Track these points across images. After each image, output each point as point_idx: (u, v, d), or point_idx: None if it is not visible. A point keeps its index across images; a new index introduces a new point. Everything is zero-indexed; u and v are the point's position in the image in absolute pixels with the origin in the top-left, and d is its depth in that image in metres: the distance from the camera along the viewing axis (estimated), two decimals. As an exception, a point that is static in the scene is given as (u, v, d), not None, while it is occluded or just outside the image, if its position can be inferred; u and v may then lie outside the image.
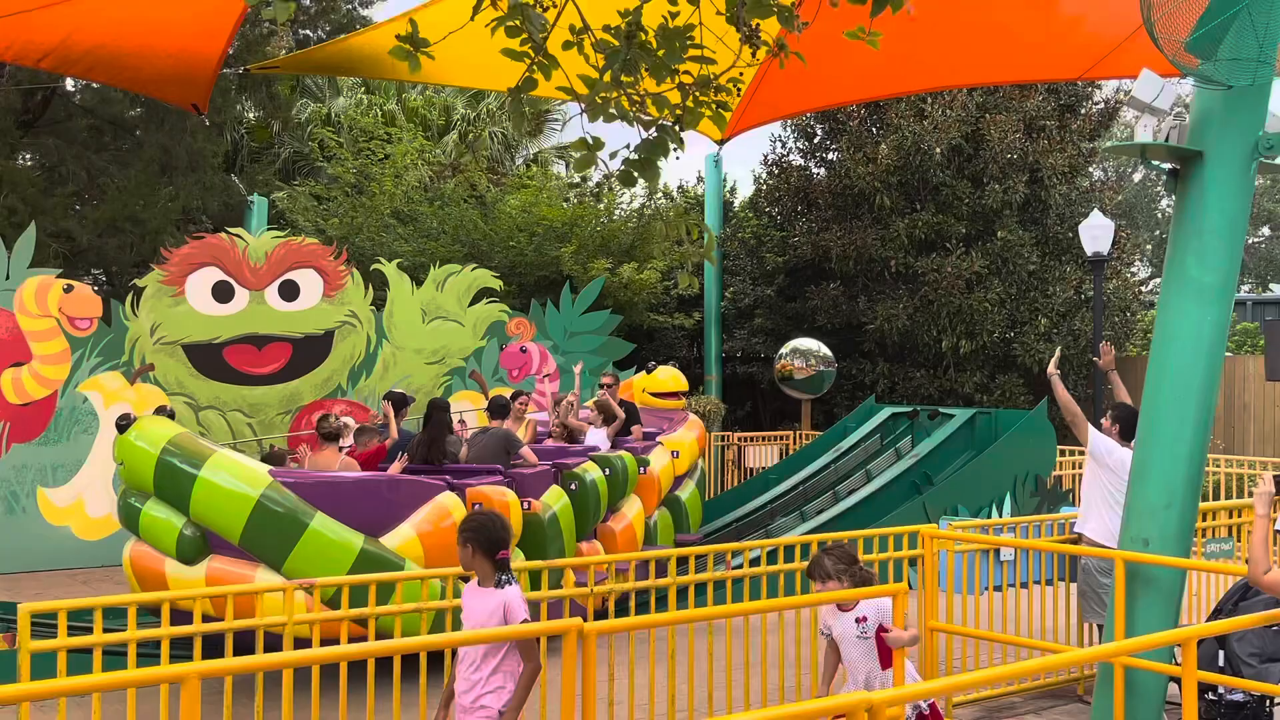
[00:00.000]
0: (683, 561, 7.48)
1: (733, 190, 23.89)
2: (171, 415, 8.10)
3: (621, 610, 6.92)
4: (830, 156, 21.62)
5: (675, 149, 4.11)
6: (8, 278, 12.22)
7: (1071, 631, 8.28)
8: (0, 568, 11.80)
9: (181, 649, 5.54)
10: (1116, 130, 26.51)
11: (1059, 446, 13.62)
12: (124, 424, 7.58)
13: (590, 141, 3.93)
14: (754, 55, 3.97)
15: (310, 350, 13.67)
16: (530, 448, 9.41)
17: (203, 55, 12.22)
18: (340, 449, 8.72)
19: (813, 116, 21.10)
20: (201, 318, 13.09)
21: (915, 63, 12.62)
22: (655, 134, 3.95)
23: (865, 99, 18.37)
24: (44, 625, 5.26)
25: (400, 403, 10.44)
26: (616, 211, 20.79)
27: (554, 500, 8.80)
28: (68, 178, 18.87)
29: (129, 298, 12.97)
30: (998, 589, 9.30)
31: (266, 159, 25.43)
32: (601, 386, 12.41)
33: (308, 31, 20.12)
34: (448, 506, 7.76)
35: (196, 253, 13.17)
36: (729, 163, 42.64)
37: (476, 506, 7.38)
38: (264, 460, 8.48)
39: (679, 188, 24.01)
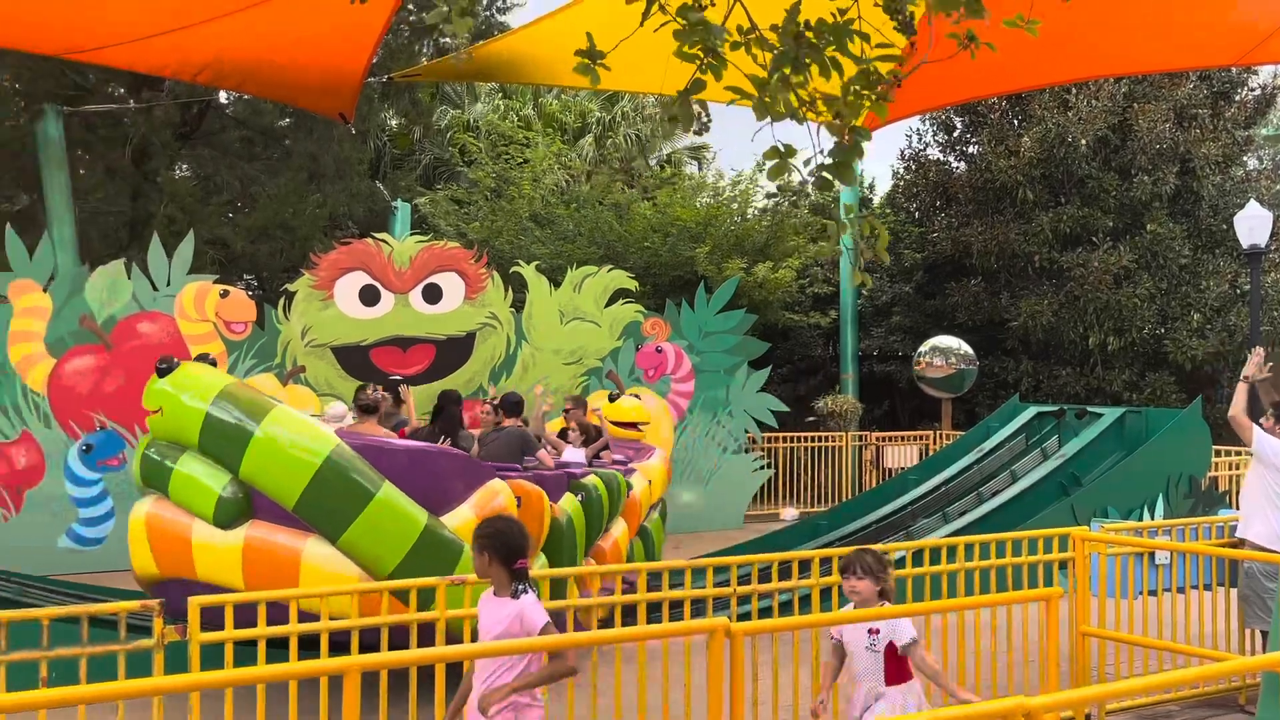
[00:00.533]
0: (824, 562, 7.42)
1: (870, 187, 23.59)
2: (213, 364, 7.41)
3: (764, 612, 6.90)
4: (970, 150, 21.20)
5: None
6: (169, 284, 12.78)
7: (1232, 638, 7.96)
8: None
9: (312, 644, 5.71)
10: (1274, 117, 25.35)
11: (1214, 446, 13.10)
12: (165, 368, 6.81)
13: (782, 149, 3.91)
14: (911, 45, 3.93)
15: (453, 351, 13.97)
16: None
17: (348, 66, 12.60)
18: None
19: (952, 109, 20.72)
20: (349, 321, 13.48)
21: (1060, 52, 12.29)
22: (850, 137, 3.91)
23: (1007, 91, 17.97)
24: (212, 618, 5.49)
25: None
26: (750, 211, 20.73)
27: (569, 506, 8.15)
28: (222, 187, 19.65)
29: (281, 302, 13.43)
30: (1152, 594, 8.99)
31: (409, 165, 26.09)
32: (566, 411, 11.74)
33: (447, 40, 20.53)
34: (497, 490, 7.08)
35: (344, 258, 13.56)
36: (865, 159, 42.04)
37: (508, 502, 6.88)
38: None
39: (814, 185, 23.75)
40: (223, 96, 20.11)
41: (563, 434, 10.99)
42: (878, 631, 5.03)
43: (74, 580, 10.34)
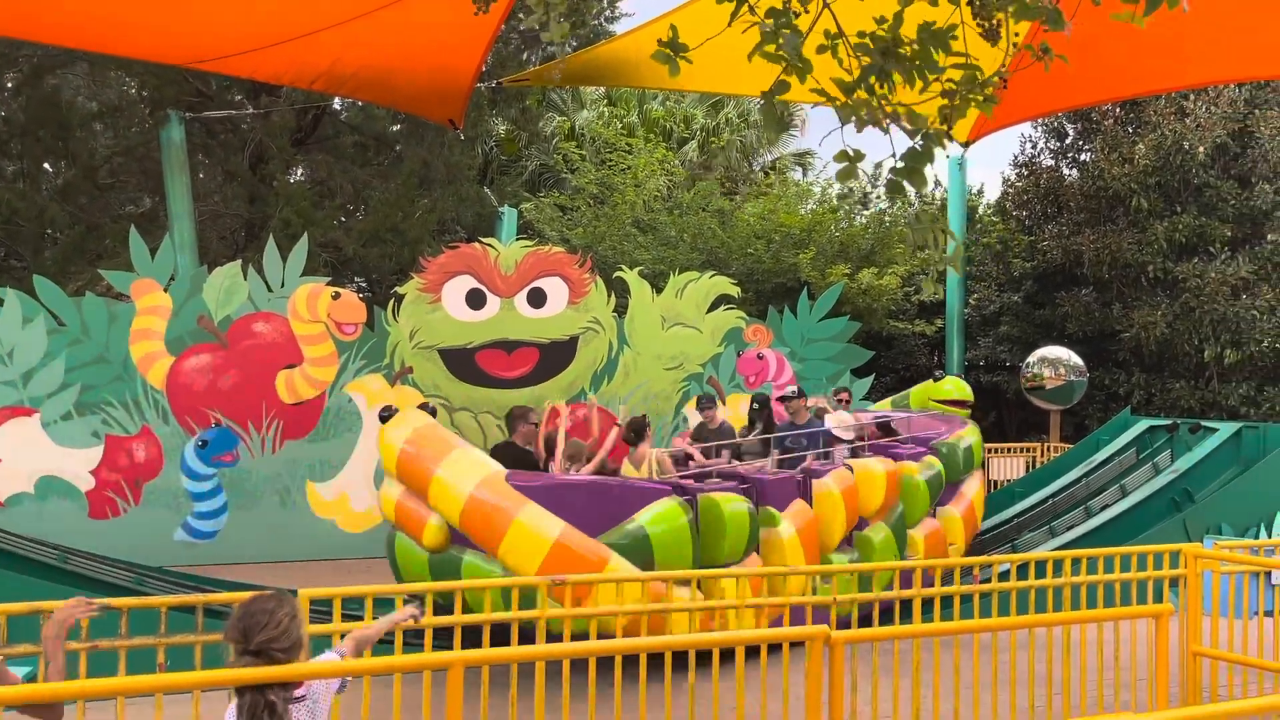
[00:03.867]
0: (928, 573, 7.34)
1: (979, 194, 23.24)
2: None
3: (864, 620, 6.84)
4: (1083, 157, 20.76)
5: (944, 148, 4.02)
6: (283, 285, 13.11)
7: (1355, 665, 7.65)
8: (272, 556, 12.70)
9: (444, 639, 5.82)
10: None
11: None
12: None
13: (851, 153, 3.91)
14: (996, 48, 3.87)
15: (556, 355, 14.08)
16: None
17: (458, 73, 12.84)
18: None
19: (1064, 116, 20.32)
20: (456, 323, 13.67)
21: (1177, 57, 11.99)
22: (921, 142, 3.89)
23: (1121, 97, 17.56)
24: (320, 610, 5.64)
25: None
26: (857, 218, 20.58)
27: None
28: (335, 191, 20.13)
29: (390, 304, 13.68)
30: (1269, 614, 8.71)
31: (515, 171, 26.42)
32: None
33: (555, 48, 20.77)
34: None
35: (452, 262, 13.77)
36: (973, 166, 41.44)
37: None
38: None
39: (917, 194, 23.53)
40: (336, 103, 20.62)
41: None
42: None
43: (188, 571, 10.68)
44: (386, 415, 8.15)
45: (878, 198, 22.00)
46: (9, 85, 19.39)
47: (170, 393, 12.62)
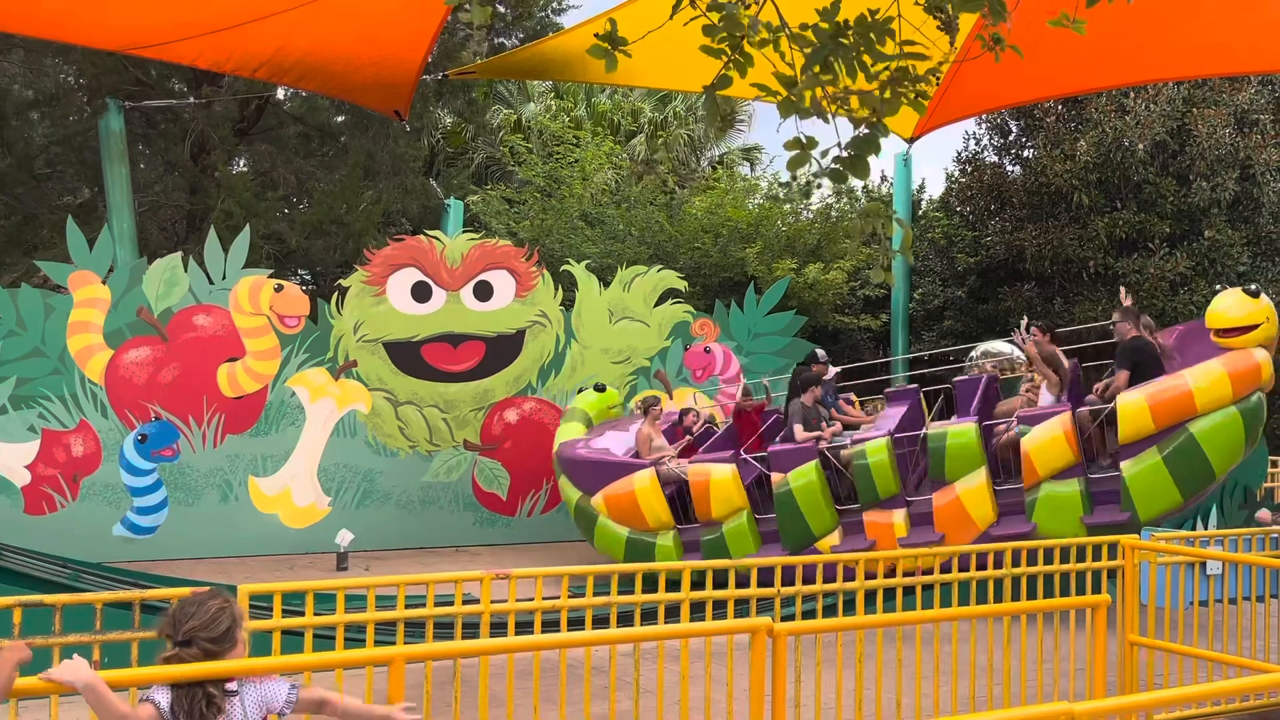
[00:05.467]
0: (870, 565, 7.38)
1: (922, 189, 23.44)
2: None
3: (808, 614, 6.88)
4: (1026, 154, 20.98)
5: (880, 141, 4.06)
6: (224, 277, 12.95)
7: (1286, 652, 7.82)
8: (213, 552, 12.54)
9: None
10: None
11: (1270, 456, 12.89)
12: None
13: (804, 140, 3.92)
14: (952, 44, 3.91)
15: (503, 349, 14.05)
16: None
17: (404, 63, 12.73)
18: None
19: (1007, 112, 20.52)
20: (401, 316, 13.60)
21: (1118, 55, 12.16)
22: (867, 130, 3.91)
23: (1063, 94, 17.76)
24: (260, 607, 5.56)
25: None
26: (803, 213, 20.68)
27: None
28: (279, 182, 19.91)
29: (334, 297, 13.57)
30: (1203, 604, 8.87)
31: (461, 163, 26.27)
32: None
33: (503, 39, 20.70)
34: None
35: (397, 254, 13.69)
36: (918, 161, 41.82)
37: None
38: None
39: (864, 188, 23.70)
40: (280, 93, 20.39)
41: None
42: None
43: (126, 567, 10.52)
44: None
45: (819, 187, 22.10)
46: (-58, 72, 18.97)
47: (109, 386, 12.42)
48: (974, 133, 21.67)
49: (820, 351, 12.47)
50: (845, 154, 3.99)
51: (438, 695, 5.50)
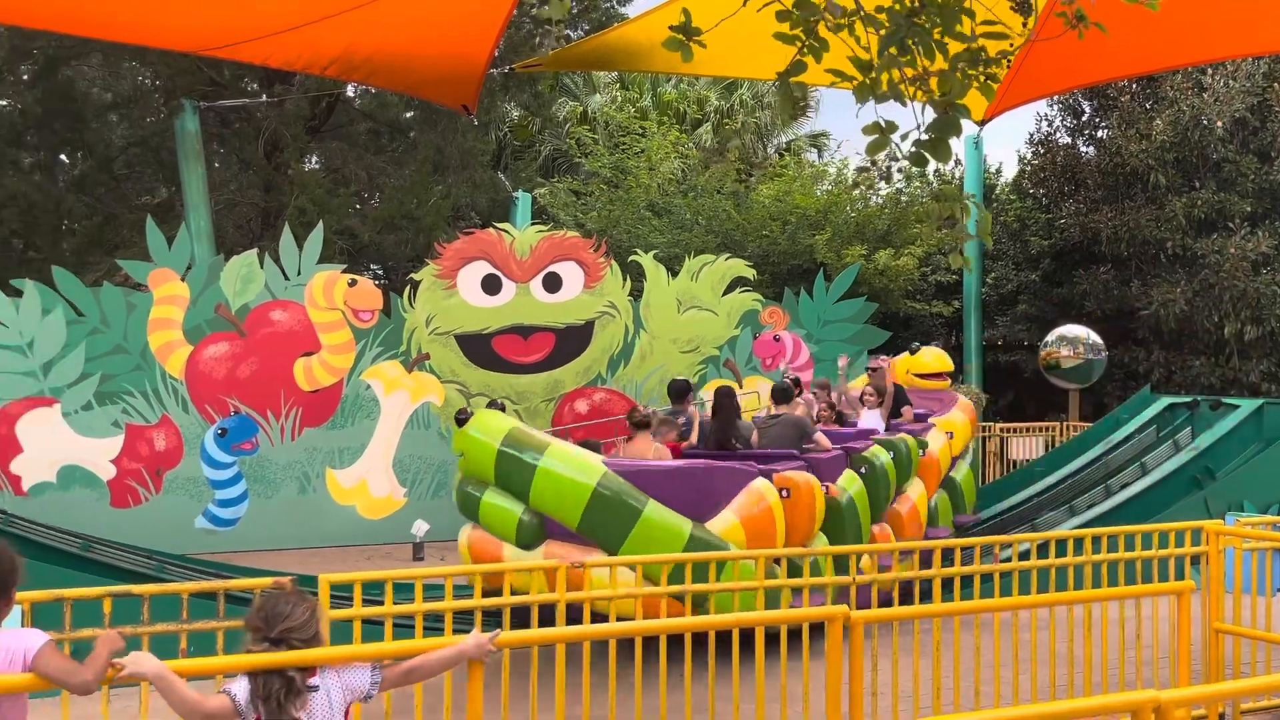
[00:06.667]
0: (946, 553, 7.31)
1: (996, 172, 23.13)
2: (502, 409, 8.24)
3: (884, 602, 6.82)
4: (1100, 134, 20.61)
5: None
6: (299, 273, 13.15)
7: (1379, 641, 7.60)
8: (292, 543, 12.76)
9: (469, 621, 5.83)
10: None
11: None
12: (463, 418, 7.75)
13: (883, 125, 3.88)
14: (1025, 25, 3.84)
15: (572, 340, 14.10)
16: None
17: (471, 58, 12.80)
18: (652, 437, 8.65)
19: (1080, 93, 20.17)
20: (472, 309, 13.70)
21: (1195, 31, 11.87)
22: (947, 113, 3.86)
23: (1139, 73, 17.41)
24: (341, 597, 5.66)
25: (683, 391, 10.40)
26: (872, 198, 20.49)
27: (849, 485, 8.67)
28: (350, 179, 20.16)
29: (406, 291, 13.71)
30: (1292, 592, 8.66)
31: (529, 156, 26.41)
32: (870, 370, 12.22)
33: (569, 31, 20.72)
34: (761, 491, 7.66)
35: (467, 247, 13.79)
36: (989, 144, 41.25)
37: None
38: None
39: (935, 171, 23.42)
40: (350, 90, 20.63)
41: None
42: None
43: (209, 559, 10.74)
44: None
45: (899, 171, 21.89)
46: (24, 77, 19.44)
47: (189, 381, 12.67)
48: (1046, 114, 21.36)
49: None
50: (925, 137, 3.93)
51: (515, 683, 5.55)
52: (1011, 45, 3.85)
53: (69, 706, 4.75)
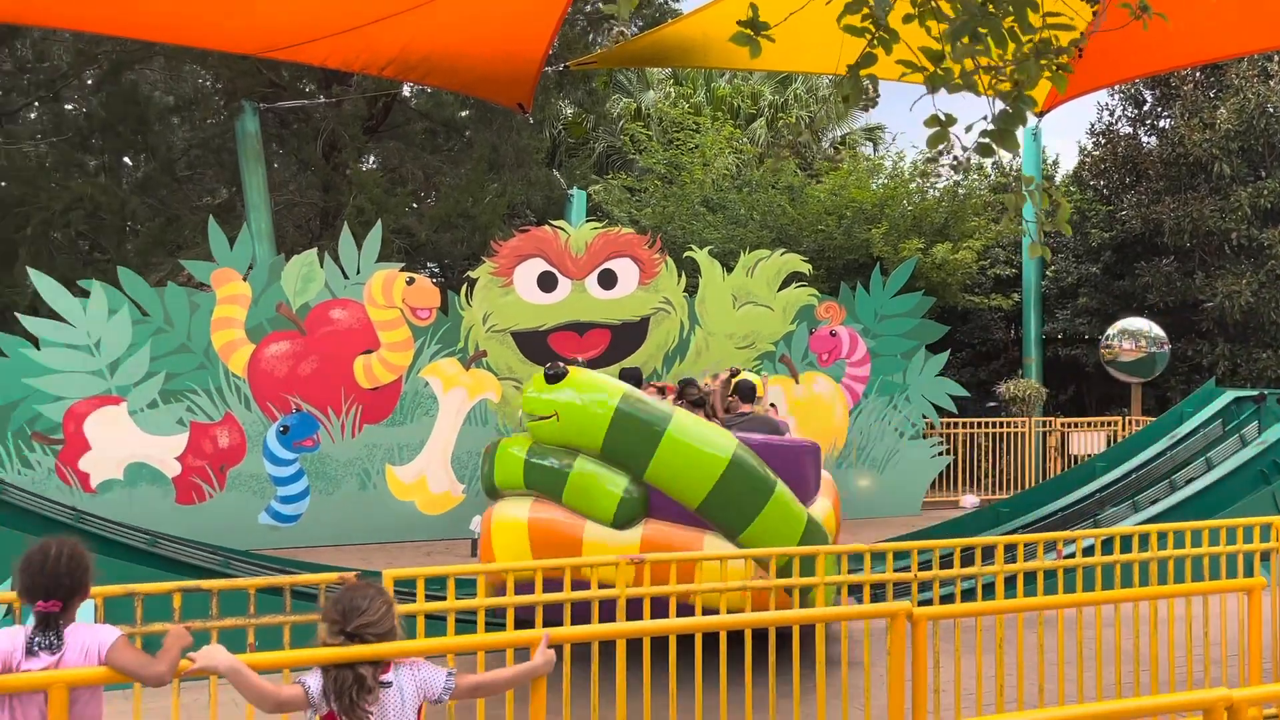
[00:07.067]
0: (1008, 550, 7.24)
1: (1054, 164, 22.83)
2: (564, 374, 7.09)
3: (945, 599, 6.78)
4: (1162, 123, 20.29)
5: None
6: (358, 272, 13.28)
7: None
8: (353, 539, 12.92)
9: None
10: None
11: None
12: (556, 374, 6.84)
13: (943, 118, 3.85)
14: (1094, 13, 3.80)
15: (628, 336, 14.12)
16: None
17: (526, 56, 12.87)
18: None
19: (1142, 82, 19.86)
20: (528, 306, 13.77)
21: (1260, 18, 11.65)
22: (1013, 103, 3.82)
23: (1202, 61, 17.11)
24: (403, 591, 5.72)
25: (637, 380, 9.99)
26: (930, 191, 20.31)
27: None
28: (407, 178, 20.35)
29: (463, 288, 13.79)
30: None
31: (583, 154, 26.48)
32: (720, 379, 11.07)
33: (622, 28, 20.77)
34: (833, 481, 7.34)
35: (523, 245, 13.85)
36: (1047, 135, 40.78)
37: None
38: None
39: (994, 164, 23.16)
40: (406, 90, 20.81)
41: None
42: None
43: (272, 554, 10.89)
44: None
45: (967, 161, 21.68)
46: (89, 81, 19.82)
47: (252, 379, 12.85)
48: (1107, 104, 21.06)
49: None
50: (992, 128, 3.90)
51: (577, 677, 5.58)
52: (1081, 34, 3.81)
53: (141, 700, 4.85)
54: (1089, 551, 6.95)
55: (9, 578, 7.09)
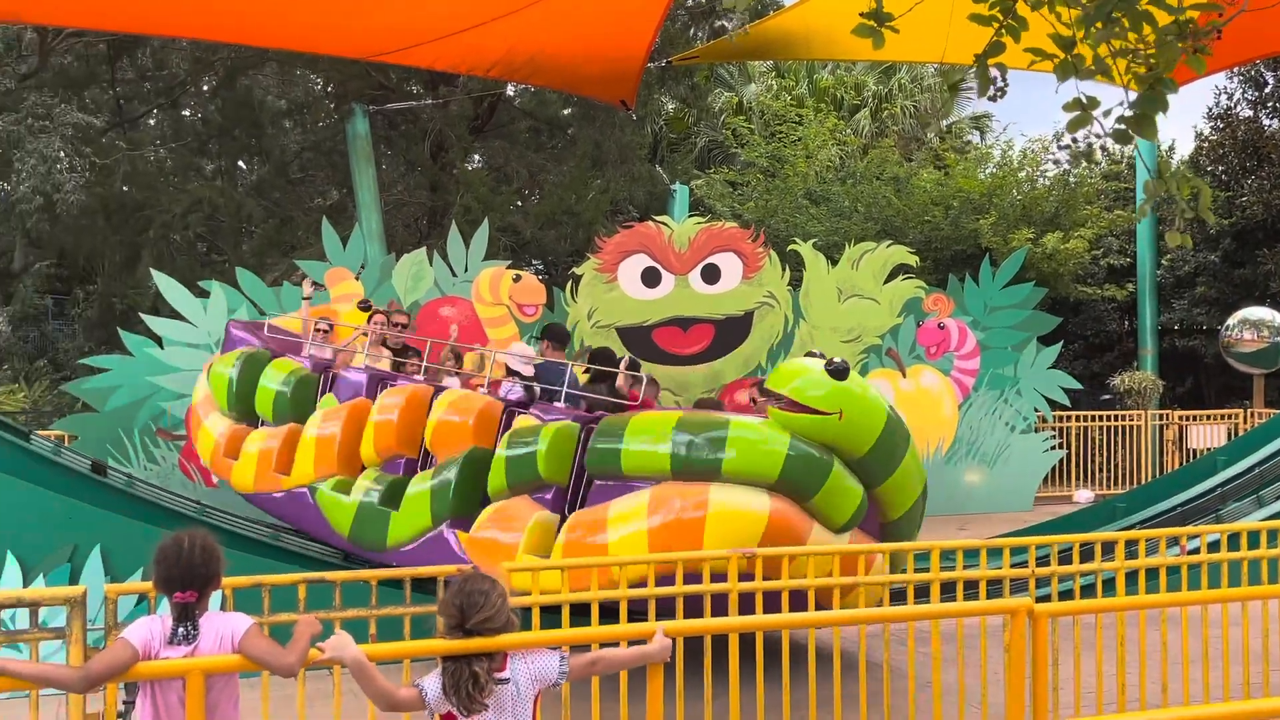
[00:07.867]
0: (1128, 545, 7.07)
1: (1170, 149, 22.19)
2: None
3: (1063, 595, 6.64)
4: (1284, 106, 19.60)
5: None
6: (466, 270, 13.48)
7: None
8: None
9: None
10: None
11: None
12: (839, 369, 6.44)
13: (1084, 101, 3.77)
14: (1213, -2, 3.68)
15: (732, 331, 14.08)
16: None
17: (629, 53, 12.92)
18: None
19: (1262, 63, 19.20)
20: (632, 302, 13.82)
21: (1393, -7, 11.17)
22: (1154, 88, 3.72)
23: (1328, 39, 16.45)
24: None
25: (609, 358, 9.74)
26: (1039, 180, 19.91)
27: None
28: (512, 176, 20.58)
29: (568, 285, 13.91)
30: None
31: (684, 148, 26.48)
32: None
33: (724, 22, 20.74)
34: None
35: (627, 241, 13.90)
36: (1162, 122, 39.58)
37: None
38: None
39: (1103, 149, 22.60)
40: (510, 90, 21.04)
41: None
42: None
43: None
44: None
45: (1103, 148, 21.20)
46: (206, 88, 20.43)
47: (364, 376, 13.10)
48: (1225, 87, 20.40)
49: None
50: (1129, 113, 3.81)
51: (689, 670, 5.61)
52: (1221, 15, 3.70)
53: (269, 688, 5.01)
54: (1213, 547, 6.75)
55: (141, 568, 7.38)
